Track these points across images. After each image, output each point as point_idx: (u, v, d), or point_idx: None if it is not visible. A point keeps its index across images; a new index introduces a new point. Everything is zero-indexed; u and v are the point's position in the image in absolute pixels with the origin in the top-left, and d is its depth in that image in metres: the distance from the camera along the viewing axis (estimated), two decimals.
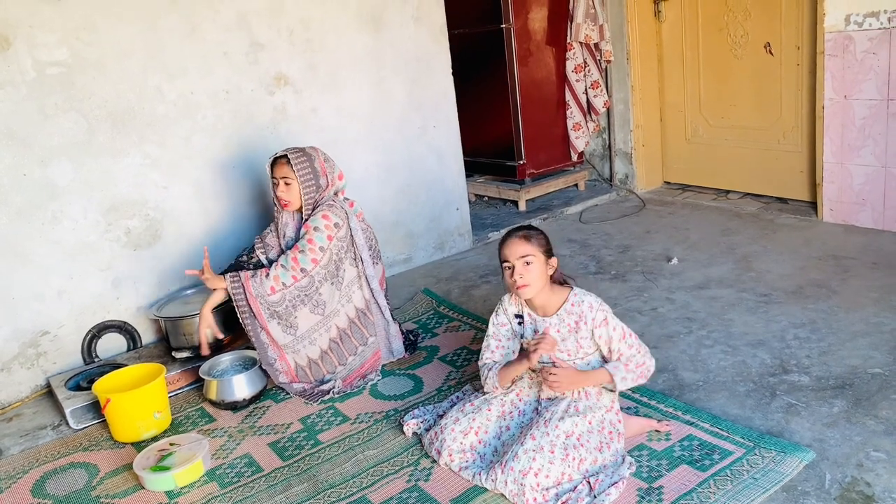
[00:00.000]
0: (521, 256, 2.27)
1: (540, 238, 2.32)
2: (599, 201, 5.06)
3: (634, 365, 2.27)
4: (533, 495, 2.06)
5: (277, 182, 2.92)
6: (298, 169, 2.89)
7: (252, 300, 2.80)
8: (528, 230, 2.34)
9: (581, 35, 4.83)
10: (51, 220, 3.08)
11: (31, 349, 3.12)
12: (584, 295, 2.33)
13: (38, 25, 2.95)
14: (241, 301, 2.81)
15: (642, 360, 2.29)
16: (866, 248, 3.67)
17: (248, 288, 2.80)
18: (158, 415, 2.72)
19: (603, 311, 2.28)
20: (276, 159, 2.93)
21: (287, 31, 3.56)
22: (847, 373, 2.60)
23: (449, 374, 2.94)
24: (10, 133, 2.95)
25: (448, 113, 4.23)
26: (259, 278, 2.81)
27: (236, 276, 2.82)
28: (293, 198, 2.93)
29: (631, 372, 2.26)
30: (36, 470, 2.62)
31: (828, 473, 2.10)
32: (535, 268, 2.27)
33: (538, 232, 2.35)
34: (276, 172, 2.93)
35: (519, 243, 2.29)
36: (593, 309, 2.28)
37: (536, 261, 2.27)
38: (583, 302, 2.30)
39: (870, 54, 3.71)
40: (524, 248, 2.28)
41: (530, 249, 2.27)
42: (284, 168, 2.90)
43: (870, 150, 3.83)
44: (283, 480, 2.37)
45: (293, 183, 2.91)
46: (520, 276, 2.27)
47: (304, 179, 2.90)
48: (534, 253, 2.27)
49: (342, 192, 3.06)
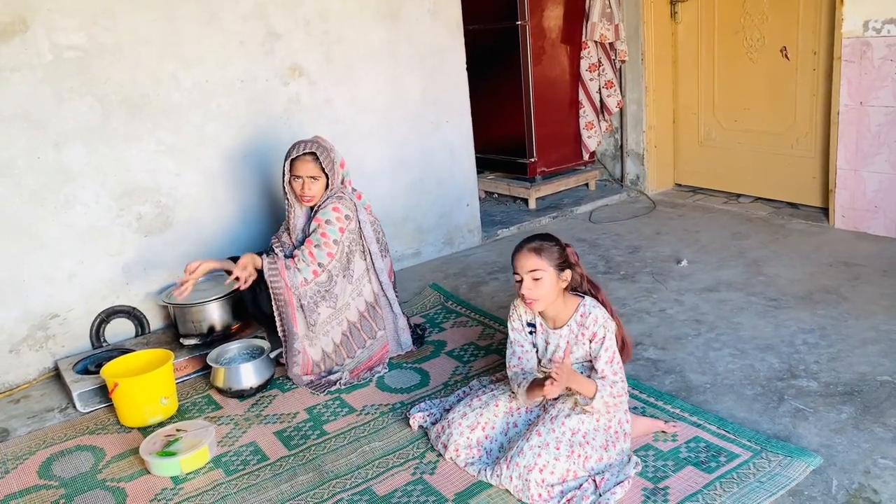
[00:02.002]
0: (529, 271, 2.19)
1: (552, 251, 2.22)
2: (610, 201, 5.05)
3: (616, 392, 2.19)
4: (538, 491, 2.06)
5: (301, 178, 2.88)
6: (325, 163, 2.87)
7: (287, 290, 2.80)
8: (542, 241, 2.24)
9: (596, 34, 4.82)
10: (63, 203, 3.10)
11: (40, 332, 3.13)
12: (593, 308, 2.26)
13: (56, 9, 2.96)
14: (277, 284, 2.80)
15: (620, 392, 2.20)
16: (878, 256, 3.65)
17: (284, 276, 2.80)
18: (165, 401, 2.73)
19: (604, 329, 2.22)
20: (300, 156, 2.88)
21: (304, 21, 3.56)
22: (856, 379, 2.59)
23: (456, 368, 2.94)
24: (26, 115, 2.96)
25: (461, 108, 4.22)
26: (293, 270, 2.81)
27: (274, 262, 2.81)
28: (317, 194, 2.91)
29: (611, 398, 2.17)
30: (43, 451, 2.63)
31: (834, 479, 2.09)
32: (544, 283, 2.20)
33: (552, 243, 2.24)
34: (301, 170, 2.87)
35: (529, 256, 2.20)
36: (597, 324, 2.23)
37: (546, 275, 2.20)
38: (590, 314, 2.25)
39: (887, 61, 3.69)
40: (533, 262, 2.19)
41: (539, 264, 2.19)
42: (310, 165, 2.86)
43: (884, 158, 3.81)
44: (288, 469, 2.37)
45: (321, 179, 2.89)
46: (528, 289, 2.20)
47: (330, 172, 2.89)
48: (543, 268, 2.19)
49: (349, 181, 3.04)
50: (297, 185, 2.90)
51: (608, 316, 2.27)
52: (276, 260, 2.83)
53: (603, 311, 2.27)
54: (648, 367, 2.82)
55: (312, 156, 2.87)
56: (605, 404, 2.17)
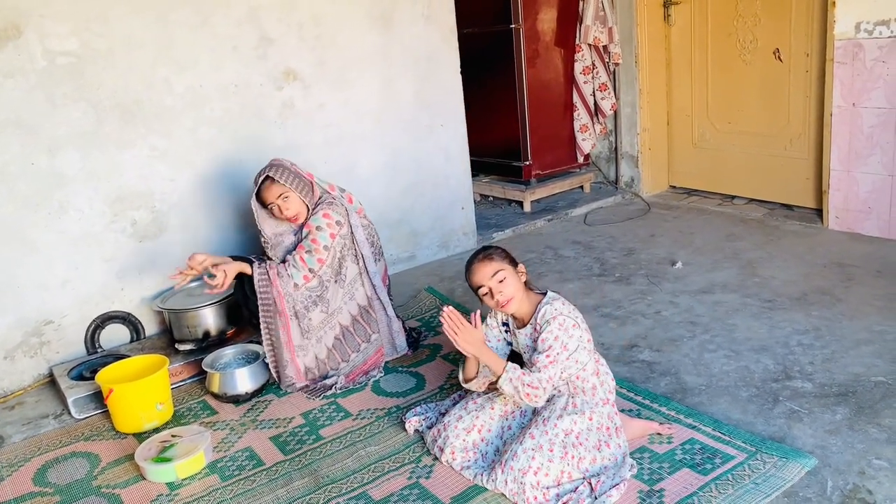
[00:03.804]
0: (492, 276, 2.25)
1: (500, 252, 2.32)
2: (604, 204, 5.06)
3: (528, 381, 2.14)
4: (533, 494, 2.06)
5: (275, 204, 2.88)
6: (284, 179, 2.86)
7: (280, 298, 2.80)
8: (486, 250, 2.32)
9: (590, 37, 4.83)
10: (57, 209, 3.09)
11: (34, 338, 3.13)
12: (546, 304, 2.26)
13: (49, 15, 2.95)
14: (266, 294, 2.80)
15: (538, 385, 2.14)
16: (871, 257, 3.67)
17: (276, 285, 2.79)
18: (161, 406, 2.73)
19: (547, 324, 2.20)
20: (260, 186, 2.88)
21: (297, 26, 3.56)
22: (850, 380, 2.60)
23: (451, 372, 2.94)
24: (19, 121, 2.96)
25: (456, 112, 4.23)
26: (285, 278, 2.81)
27: (263, 268, 2.81)
28: (297, 208, 2.91)
29: (521, 384, 2.14)
30: (38, 458, 2.62)
31: (829, 480, 2.09)
32: (509, 281, 2.26)
33: (496, 248, 2.34)
34: (269, 196, 2.88)
35: (485, 264, 2.27)
36: (543, 318, 2.22)
37: (508, 273, 2.27)
38: (541, 310, 2.25)
39: (879, 62, 3.70)
40: (491, 266, 2.26)
41: (498, 265, 2.26)
42: (274, 187, 2.86)
43: (877, 159, 3.82)
44: (284, 474, 2.37)
45: (291, 194, 2.88)
46: (500, 293, 2.25)
47: (294, 185, 2.88)
48: (502, 267, 2.27)
49: (332, 186, 3.03)
50: (276, 211, 2.90)
51: (561, 310, 2.23)
52: (268, 269, 2.83)
53: (555, 305, 2.24)
54: (643, 369, 2.82)
55: (270, 179, 2.87)
56: (514, 388, 2.16)
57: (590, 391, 2.28)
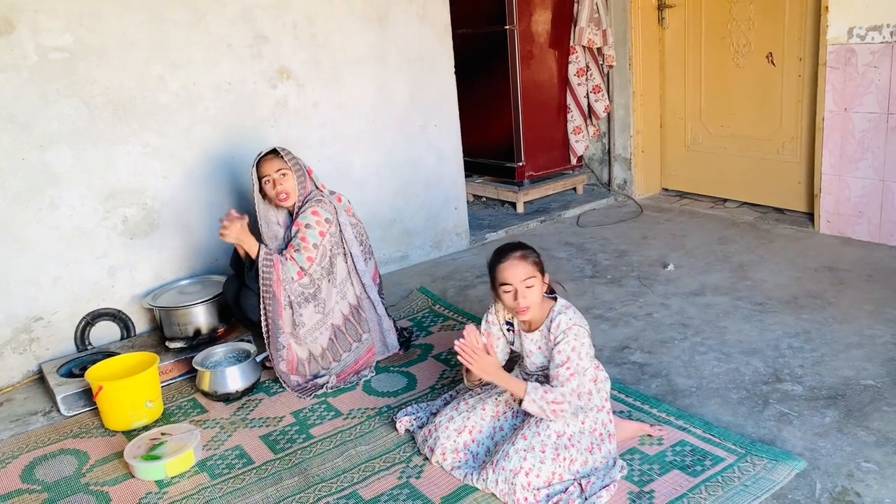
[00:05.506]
0: (523, 280, 2.17)
1: (535, 256, 2.23)
2: (597, 206, 5.07)
3: (552, 399, 2.12)
4: (524, 495, 2.06)
5: (270, 177, 2.87)
6: (289, 159, 2.89)
7: (278, 284, 2.79)
8: (524, 249, 2.23)
9: (584, 39, 4.84)
10: (48, 205, 3.07)
11: (23, 334, 3.11)
12: (559, 313, 2.22)
13: (42, 11, 2.94)
14: (267, 278, 2.79)
15: (562, 400, 2.12)
16: (862, 261, 3.68)
17: (277, 269, 2.79)
18: (150, 404, 2.72)
19: (563, 335, 2.18)
20: (265, 156, 2.90)
21: (292, 25, 3.55)
22: (840, 384, 2.61)
23: (443, 372, 2.94)
24: (10, 117, 2.94)
25: (449, 112, 4.23)
26: (287, 265, 2.81)
27: (271, 254, 2.80)
28: (291, 188, 2.90)
29: (545, 402, 2.11)
30: (25, 455, 2.61)
31: (818, 483, 2.10)
32: (535, 289, 2.20)
33: (531, 250, 2.25)
34: (268, 168, 2.87)
35: (520, 265, 2.18)
36: (559, 329, 2.20)
37: (537, 282, 2.20)
38: (555, 319, 2.22)
39: (871, 67, 3.72)
40: (525, 269, 2.18)
41: (532, 271, 2.18)
42: (276, 161, 2.88)
43: (868, 164, 3.84)
44: (273, 473, 2.37)
45: (289, 173, 2.88)
46: (524, 297, 2.18)
47: (296, 169, 2.90)
48: (535, 274, 2.18)
49: (322, 185, 3.03)
50: (269, 186, 2.89)
51: (575, 320, 2.21)
52: (273, 253, 2.83)
53: (568, 315, 2.23)
54: (634, 371, 2.83)
55: (274, 152, 2.90)
56: (540, 409, 2.13)
57: (585, 396, 2.25)
